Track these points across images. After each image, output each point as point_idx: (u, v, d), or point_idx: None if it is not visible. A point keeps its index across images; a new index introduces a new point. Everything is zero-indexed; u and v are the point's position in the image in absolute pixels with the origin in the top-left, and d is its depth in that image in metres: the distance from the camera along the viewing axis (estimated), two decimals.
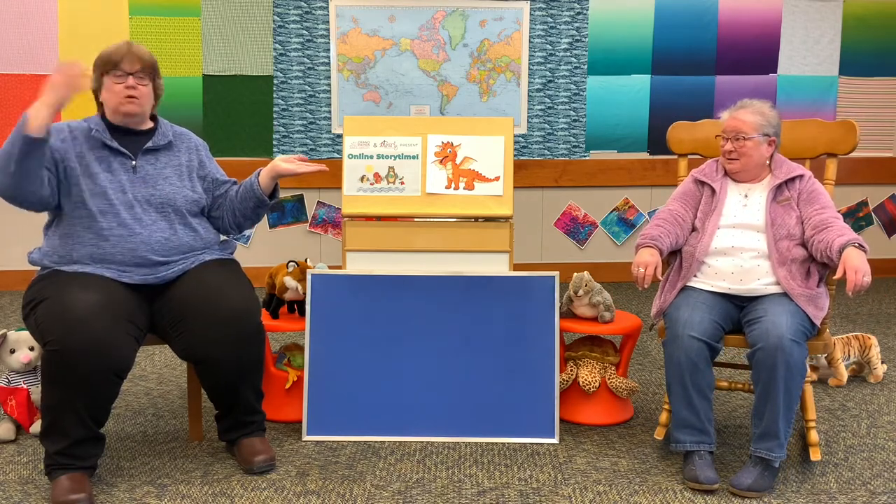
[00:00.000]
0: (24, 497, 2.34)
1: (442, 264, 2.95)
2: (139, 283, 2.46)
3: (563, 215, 5.55)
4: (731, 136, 2.59)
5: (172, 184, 2.56)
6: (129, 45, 2.52)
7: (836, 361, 3.34)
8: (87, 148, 2.49)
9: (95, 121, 2.55)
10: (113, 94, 2.50)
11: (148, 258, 2.47)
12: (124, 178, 2.50)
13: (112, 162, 2.51)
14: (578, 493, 2.40)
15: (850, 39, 5.49)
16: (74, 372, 2.21)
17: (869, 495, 2.40)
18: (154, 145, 2.57)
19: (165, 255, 2.50)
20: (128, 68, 2.48)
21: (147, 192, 2.51)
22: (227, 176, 2.77)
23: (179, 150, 2.64)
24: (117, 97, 2.49)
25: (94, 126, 2.52)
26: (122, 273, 2.44)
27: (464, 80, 5.30)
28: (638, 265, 2.48)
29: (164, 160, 2.59)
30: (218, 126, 5.23)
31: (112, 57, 2.48)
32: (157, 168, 2.56)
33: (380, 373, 2.80)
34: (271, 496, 2.36)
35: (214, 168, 2.74)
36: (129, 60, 2.48)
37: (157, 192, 2.52)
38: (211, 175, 2.70)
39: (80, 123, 2.54)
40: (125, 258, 2.44)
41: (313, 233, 5.43)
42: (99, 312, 2.26)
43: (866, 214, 5.74)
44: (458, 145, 3.02)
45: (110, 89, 2.50)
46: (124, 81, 2.48)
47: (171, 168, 2.59)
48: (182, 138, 2.68)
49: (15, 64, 5.07)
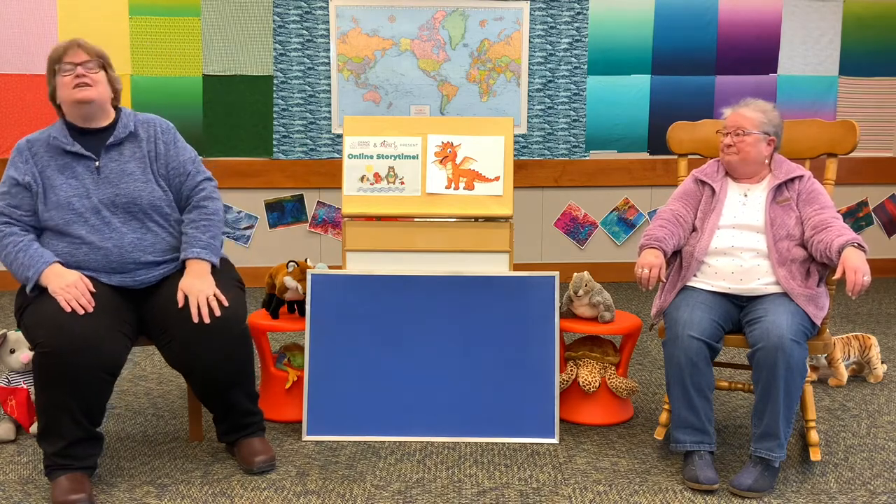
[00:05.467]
0: (24, 497, 2.34)
1: (442, 264, 2.95)
2: (119, 285, 2.44)
3: (563, 215, 5.55)
4: (731, 131, 2.60)
5: (136, 180, 2.47)
6: (75, 40, 2.47)
7: (836, 361, 3.34)
8: (48, 159, 2.45)
9: (56, 127, 2.50)
10: (63, 87, 2.43)
11: (123, 264, 2.43)
12: (88, 182, 2.44)
13: (76, 167, 2.45)
14: (578, 493, 2.40)
15: (850, 39, 5.49)
16: (65, 372, 2.20)
17: (869, 495, 2.39)
18: (115, 139, 2.49)
19: (140, 256, 2.44)
20: (74, 59, 2.43)
21: (111, 193, 2.44)
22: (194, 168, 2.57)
23: (142, 139, 2.53)
24: (68, 88, 2.42)
25: (54, 133, 2.47)
26: (100, 275, 2.42)
27: (464, 80, 5.30)
28: (642, 266, 2.48)
29: (128, 154, 2.50)
30: (218, 126, 5.23)
31: (56, 53, 2.45)
32: (121, 163, 2.48)
33: (380, 373, 2.80)
34: (271, 496, 2.36)
35: (174, 157, 2.54)
36: (72, 53, 2.43)
37: (121, 192, 2.44)
38: (172, 168, 2.54)
39: (40, 134, 2.50)
40: (99, 265, 2.41)
41: (313, 233, 5.43)
42: (85, 311, 2.26)
43: (866, 214, 5.74)
44: (458, 145, 3.02)
45: (61, 84, 2.45)
46: (72, 73, 2.42)
47: (135, 162, 2.49)
48: (145, 126, 2.55)
49: (15, 64, 5.07)
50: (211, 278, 2.43)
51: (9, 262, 2.39)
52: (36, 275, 2.33)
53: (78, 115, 2.48)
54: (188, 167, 2.57)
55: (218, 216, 2.57)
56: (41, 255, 2.36)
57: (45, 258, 2.36)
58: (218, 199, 2.60)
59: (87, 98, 2.43)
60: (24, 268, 2.35)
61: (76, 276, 2.33)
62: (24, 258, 2.36)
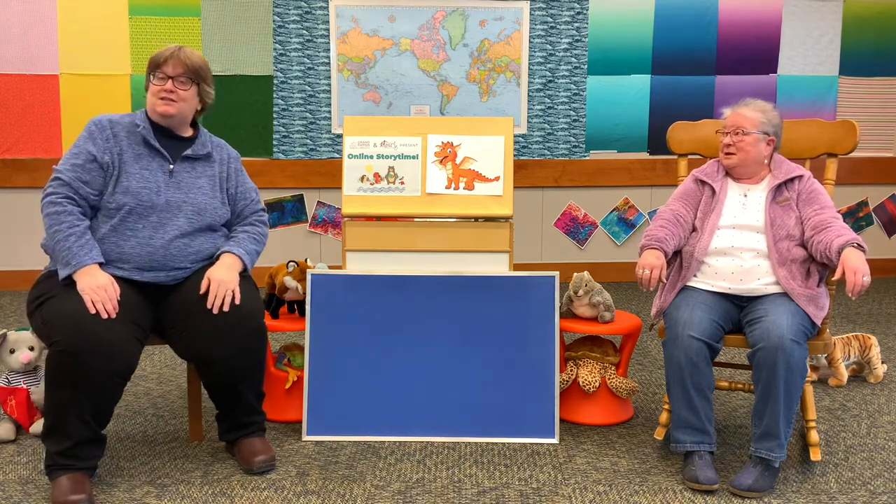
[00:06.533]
0: (24, 497, 2.34)
1: (442, 264, 2.95)
2: (150, 281, 2.46)
3: (563, 215, 5.55)
4: (731, 131, 2.60)
5: (205, 194, 2.56)
6: (180, 48, 2.53)
7: (836, 361, 3.34)
8: (128, 144, 2.50)
9: (141, 117, 2.56)
10: (151, 94, 2.52)
11: (164, 263, 2.47)
12: (161, 180, 2.50)
13: (151, 161, 2.51)
14: (578, 493, 2.40)
15: (850, 39, 5.49)
16: (80, 373, 2.21)
17: (869, 495, 2.39)
18: (193, 153, 2.57)
19: (182, 261, 2.49)
20: (169, 72, 2.49)
21: (180, 198, 2.50)
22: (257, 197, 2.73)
23: (215, 160, 2.64)
24: (155, 98, 2.51)
25: (139, 122, 2.53)
26: (133, 272, 2.44)
27: (464, 80, 5.30)
28: (643, 267, 2.48)
29: (200, 169, 2.59)
30: (218, 126, 5.18)
31: (157, 59, 2.51)
32: (193, 176, 2.56)
33: (380, 373, 2.80)
34: (271, 496, 2.36)
35: (242, 182, 2.69)
36: (172, 63, 2.50)
37: (190, 200, 2.52)
38: (240, 191, 2.67)
39: (124, 118, 2.55)
40: (142, 261, 2.44)
41: (313, 233, 5.43)
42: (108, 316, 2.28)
43: (866, 214, 5.74)
44: (458, 145, 3.02)
45: (150, 90, 2.53)
46: (164, 84, 2.49)
47: (205, 178, 2.59)
48: (219, 149, 2.68)
49: (15, 64, 5.07)
50: (237, 275, 2.50)
51: (55, 240, 2.38)
52: (78, 266, 2.33)
53: (157, 119, 2.55)
54: (252, 195, 2.72)
55: (265, 239, 2.71)
56: (91, 251, 2.37)
57: (94, 255, 2.37)
58: (268, 228, 2.77)
59: (167, 113, 2.51)
60: (70, 254, 2.35)
61: (108, 279, 2.34)
62: (74, 244, 2.35)
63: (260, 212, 2.73)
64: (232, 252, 2.54)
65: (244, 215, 2.68)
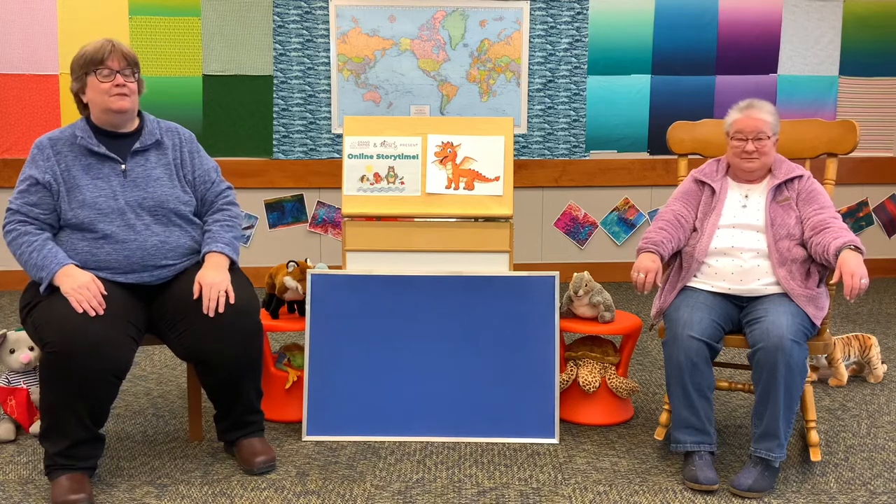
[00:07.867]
0: (24, 497, 2.34)
1: (442, 264, 2.95)
2: (135, 282, 2.45)
3: (563, 215, 5.55)
4: (752, 136, 2.56)
5: (164, 185, 2.52)
6: (111, 42, 2.46)
7: (836, 361, 3.34)
8: (73, 159, 2.45)
9: (80, 126, 2.49)
10: (100, 92, 2.43)
11: (144, 264, 2.45)
12: (115, 184, 2.46)
13: (101, 168, 2.46)
14: (578, 493, 2.40)
15: (850, 39, 5.48)
16: (73, 374, 2.21)
17: (869, 495, 2.39)
18: (142, 146, 2.52)
19: (162, 259, 2.48)
20: (115, 66, 2.43)
21: (139, 196, 2.47)
22: (218, 178, 2.66)
23: (167, 147, 2.57)
24: (105, 95, 2.42)
25: (79, 133, 2.47)
26: (117, 275, 2.43)
27: (464, 80, 5.30)
28: (638, 270, 2.48)
29: (154, 160, 2.54)
30: (218, 126, 5.23)
31: (94, 56, 2.42)
32: (148, 169, 2.51)
33: (380, 373, 2.80)
34: (271, 496, 2.36)
35: (199, 165, 2.62)
36: (114, 58, 2.43)
37: (149, 195, 2.48)
38: (198, 175, 2.61)
39: (63, 132, 2.49)
40: (120, 265, 2.43)
41: (313, 233, 5.43)
42: (96, 314, 2.27)
43: (866, 214, 5.74)
44: (458, 145, 3.02)
45: (96, 88, 2.43)
46: (112, 80, 2.42)
47: (161, 168, 2.54)
48: (170, 134, 2.60)
49: (15, 64, 5.07)
50: (227, 273, 2.49)
51: (23, 262, 2.40)
52: (49, 275, 2.33)
53: (108, 120, 2.49)
54: (212, 175, 2.65)
55: (239, 220, 2.68)
56: (55, 256, 2.37)
57: (59, 259, 2.36)
58: (238, 206, 2.72)
59: (123, 108, 2.46)
60: (38, 268, 2.36)
61: (89, 277, 2.34)
62: (38, 258, 2.36)
63: (225, 191, 2.67)
64: (212, 251, 2.51)
65: (209, 201, 2.63)
